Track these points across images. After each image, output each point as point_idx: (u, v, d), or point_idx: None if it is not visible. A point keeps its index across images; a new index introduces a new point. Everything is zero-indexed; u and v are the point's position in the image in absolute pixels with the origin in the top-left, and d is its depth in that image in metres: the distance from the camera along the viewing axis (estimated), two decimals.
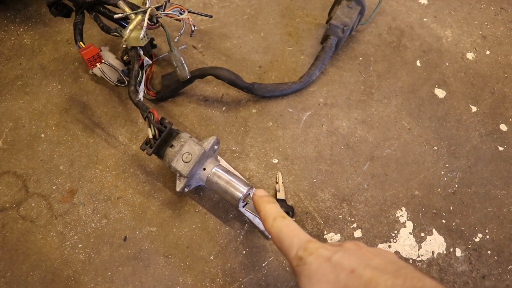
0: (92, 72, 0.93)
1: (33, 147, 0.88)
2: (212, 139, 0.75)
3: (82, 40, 0.84)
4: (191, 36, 0.86)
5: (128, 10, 0.80)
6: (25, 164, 0.86)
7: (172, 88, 0.90)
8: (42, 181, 0.85)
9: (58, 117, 0.91)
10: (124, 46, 0.87)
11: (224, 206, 0.83)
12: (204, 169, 0.76)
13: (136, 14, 0.77)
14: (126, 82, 0.85)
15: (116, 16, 0.79)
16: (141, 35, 0.77)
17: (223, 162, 0.83)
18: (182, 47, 0.88)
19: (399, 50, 1.02)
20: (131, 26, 0.76)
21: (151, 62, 0.82)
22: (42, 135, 0.89)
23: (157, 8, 0.81)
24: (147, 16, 0.77)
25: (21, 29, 1.03)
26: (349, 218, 0.83)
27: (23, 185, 0.85)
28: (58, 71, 0.97)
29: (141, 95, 0.80)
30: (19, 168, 0.86)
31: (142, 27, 0.77)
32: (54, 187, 0.84)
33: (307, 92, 0.95)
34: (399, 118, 0.93)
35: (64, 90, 0.94)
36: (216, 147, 0.77)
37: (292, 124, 0.92)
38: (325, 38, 0.96)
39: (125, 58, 0.89)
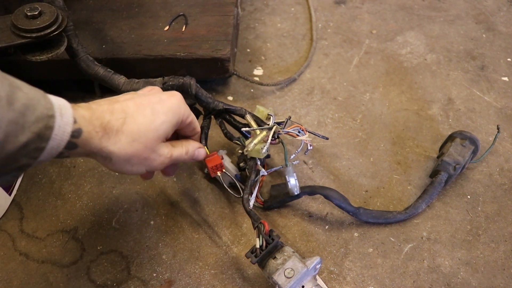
0: (207, 171, 1.00)
1: (141, 232, 0.94)
2: (315, 259, 0.76)
3: (206, 144, 0.91)
4: (305, 154, 0.92)
5: (253, 124, 0.87)
6: (132, 247, 0.92)
7: (280, 199, 0.94)
8: (144, 266, 0.89)
9: (169, 208, 0.98)
10: (240, 152, 0.94)
11: None
12: (303, 287, 0.76)
13: (262, 129, 0.84)
14: (238, 186, 0.90)
15: (244, 129, 0.86)
16: (264, 150, 0.83)
17: (320, 282, 0.83)
18: (295, 162, 0.93)
19: (511, 193, 0.99)
20: (256, 140, 0.83)
21: (266, 173, 0.87)
22: (152, 222, 0.96)
23: (278, 124, 0.88)
24: (271, 133, 0.83)
25: None
26: None
27: (126, 266, 0.90)
28: None
29: (251, 203, 0.84)
30: (126, 249, 0.92)
31: (265, 141, 0.84)
32: (154, 274, 0.88)
33: (410, 224, 0.94)
34: (508, 266, 0.89)
35: (178, 183, 1.02)
36: (318, 266, 0.78)
37: (392, 254, 0.90)
38: (435, 173, 0.97)
39: (241, 164, 0.95)
